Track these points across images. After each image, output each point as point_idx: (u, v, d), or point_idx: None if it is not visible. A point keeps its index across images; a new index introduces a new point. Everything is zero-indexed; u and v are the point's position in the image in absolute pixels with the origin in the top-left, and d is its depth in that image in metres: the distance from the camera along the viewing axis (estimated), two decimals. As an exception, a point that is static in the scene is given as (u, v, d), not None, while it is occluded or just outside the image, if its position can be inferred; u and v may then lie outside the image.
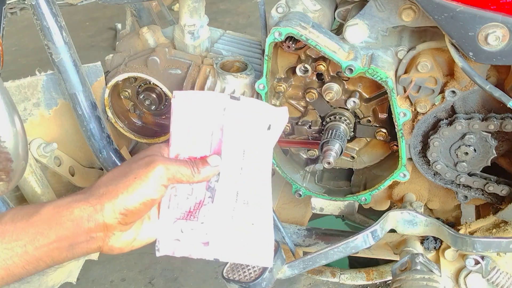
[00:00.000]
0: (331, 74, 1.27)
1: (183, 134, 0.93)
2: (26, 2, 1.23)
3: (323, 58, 1.24)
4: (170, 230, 0.91)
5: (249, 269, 1.16)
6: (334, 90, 1.26)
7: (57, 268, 1.46)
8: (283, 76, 1.31)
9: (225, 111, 0.93)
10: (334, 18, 1.33)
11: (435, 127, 1.22)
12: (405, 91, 1.21)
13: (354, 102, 1.27)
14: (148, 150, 0.92)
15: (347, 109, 1.31)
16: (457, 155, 1.22)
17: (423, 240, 1.36)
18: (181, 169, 0.87)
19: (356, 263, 1.82)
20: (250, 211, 0.92)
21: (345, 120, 1.30)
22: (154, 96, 1.44)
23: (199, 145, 0.93)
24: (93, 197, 0.83)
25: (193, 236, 0.91)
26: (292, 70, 1.30)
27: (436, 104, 1.21)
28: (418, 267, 1.22)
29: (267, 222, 0.94)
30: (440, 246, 1.34)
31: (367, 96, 1.30)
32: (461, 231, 1.31)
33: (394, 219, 1.26)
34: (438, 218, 1.29)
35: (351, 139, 1.38)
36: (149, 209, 0.87)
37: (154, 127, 1.53)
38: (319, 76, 1.29)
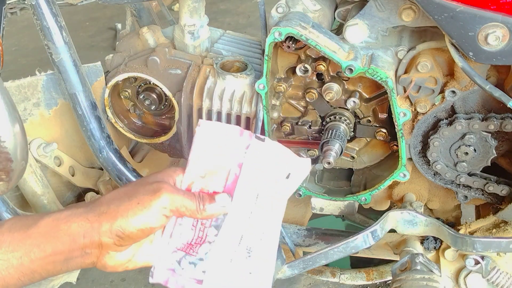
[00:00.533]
0: (331, 74, 1.27)
1: (201, 164, 0.91)
2: (26, 2, 1.24)
3: (323, 58, 1.24)
4: (167, 258, 0.90)
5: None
6: (334, 90, 1.26)
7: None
8: (283, 76, 1.31)
9: (247, 150, 0.91)
10: (334, 18, 1.33)
11: (435, 127, 1.22)
12: (405, 91, 1.21)
13: (354, 102, 1.27)
14: (160, 173, 0.90)
15: (347, 109, 1.31)
16: (457, 155, 1.22)
17: (423, 240, 1.36)
18: (186, 202, 0.85)
19: (360, 262, 1.81)
20: (251, 260, 0.90)
21: (345, 120, 1.30)
22: (154, 96, 1.44)
23: (214, 179, 0.91)
24: (93, 214, 0.83)
25: (189, 271, 0.89)
26: (292, 70, 1.30)
27: (436, 104, 1.21)
28: (418, 267, 1.22)
29: (266, 275, 0.91)
30: (440, 246, 1.34)
31: (367, 96, 1.30)
32: (461, 231, 1.31)
33: (394, 219, 1.26)
34: (438, 218, 1.30)
35: (351, 139, 1.38)
36: (146, 236, 0.86)
37: (154, 127, 1.53)
38: (319, 76, 1.29)
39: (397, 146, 1.27)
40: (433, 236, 1.32)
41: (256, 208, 0.91)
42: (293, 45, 1.20)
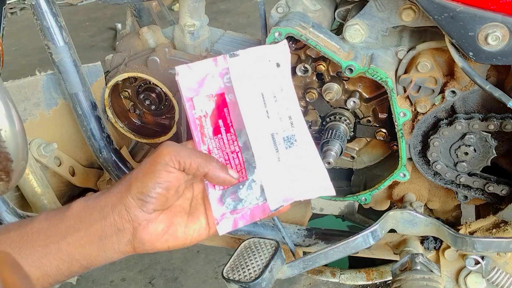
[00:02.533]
0: (331, 74, 1.27)
1: (199, 106, 0.91)
2: (26, 2, 1.24)
3: (323, 58, 1.24)
4: (221, 205, 0.89)
5: (249, 269, 1.16)
6: (334, 90, 1.26)
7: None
8: (283, 76, 1.31)
9: (230, 72, 0.90)
10: (334, 18, 1.33)
11: (435, 127, 1.22)
12: (405, 91, 1.21)
13: (354, 102, 1.27)
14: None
15: (347, 109, 1.31)
16: (457, 155, 1.22)
17: (423, 240, 1.36)
18: (190, 154, 0.85)
19: (359, 263, 1.81)
20: (294, 147, 0.90)
21: (345, 120, 1.30)
22: (154, 96, 1.44)
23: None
24: (116, 189, 0.85)
25: (248, 199, 0.89)
26: (292, 70, 1.30)
27: (436, 104, 1.21)
28: (418, 267, 1.22)
29: (313, 152, 0.91)
30: (440, 246, 1.34)
31: (367, 96, 1.30)
32: (461, 231, 1.31)
33: (394, 219, 1.26)
34: (438, 218, 1.29)
35: (351, 139, 1.38)
36: (168, 194, 0.84)
37: (154, 127, 1.53)
38: (319, 76, 1.29)
39: (397, 146, 1.27)
40: (433, 236, 1.32)
41: (269, 106, 0.91)
42: (293, 45, 1.20)
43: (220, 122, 0.92)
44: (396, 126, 1.22)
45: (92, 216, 0.83)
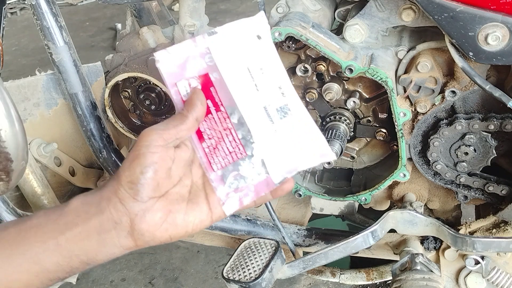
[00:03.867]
0: (331, 74, 1.27)
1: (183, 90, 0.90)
2: (26, 2, 1.24)
3: (323, 58, 1.24)
4: (223, 185, 0.89)
5: (249, 269, 1.16)
6: (334, 90, 1.26)
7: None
8: (283, 76, 1.31)
9: (211, 51, 0.89)
10: (334, 18, 1.33)
11: (435, 127, 1.22)
12: (405, 91, 1.21)
13: (354, 102, 1.27)
14: None
15: (347, 109, 1.31)
16: (457, 155, 1.22)
17: (423, 240, 1.36)
18: (168, 123, 0.84)
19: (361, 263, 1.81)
20: (289, 116, 0.89)
21: (345, 120, 1.30)
22: (154, 96, 1.44)
23: None
24: (110, 183, 0.84)
25: (250, 175, 0.88)
26: (292, 70, 1.30)
27: (436, 104, 1.21)
28: (418, 267, 1.22)
29: (307, 119, 0.90)
30: (440, 246, 1.34)
31: (367, 96, 1.30)
32: (461, 231, 1.31)
33: (394, 219, 1.26)
34: (438, 218, 1.29)
35: (351, 139, 1.38)
36: (156, 176, 0.83)
37: (154, 127, 1.53)
38: (319, 76, 1.29)
39: (397, 146, 1.27)
40: (433, 236, 1.32)
41: (257, 79, 0.90)
42: (293, 45, 1.20)
43: (209, 102, 0.90)
44: (396, 126, 1.22)
45: (89, 211, 0.83)
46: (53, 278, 0.83)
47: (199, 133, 0.90)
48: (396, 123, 1.21)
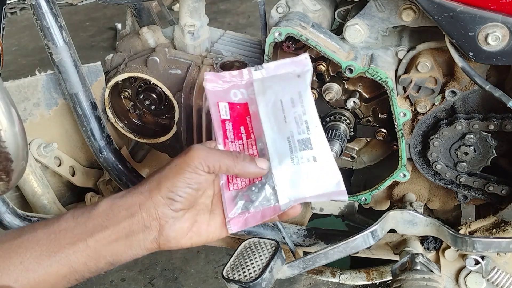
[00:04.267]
0: (331, 74, 1.27)
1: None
2: (26, 2, 1.24)
3: (323, 58, 1.24)
4: (233, 204, 0.93)
5: (249, 269, 1.16)
6: (334, 90, 1.26)
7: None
8: (283, 76, 1.31)
9: (254, 85, 0.97)
10: (334, 18, 1.33)
11: (435, 127, 1.22)
12: (405, 91, 1.21)
13: (354, 102, 1.27)
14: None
15: (347, 109, 1.31)
16: (457, 155, 1.22)
17: (423, 240, 1.36)
18: (220, 157, 0.88)
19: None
20: (308, 150, 0.93)
21: (345, 120, 1.30)
22: (154, 96, 1.44)
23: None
24: (144, 188, 0.87)
25: (260, 200, 0.92)
26: (292, 70, 1.29)
27: (436, 104, 1.21)
28: (418, 267, 1.22)
29: (327, 156, 0.94)
30: (440, 246, 1.34)
31: (367, 96, 1.30)
32: (461, 231, 1.31)
33: (394, 219, 1.26)
34: (438, 218, 1.29)
35: (351, 139, 1.38)
36: (196, 194, 0.88)
37: (154, 127, 1.53)
38: (319, 76, 1.29)
39: (397, 146, 1.27)
40: (433, 236, 1.32)
41: (287, 111, 0.95)
42: (293, 45, 1.20)
43: (242, 128, 0.97)
44: (396, 126, 1.22)
45: (119, 214, 0.86)
46: (79, 278, 0.86)
47: None
48: (396, 123, 1.21)
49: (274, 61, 0.97)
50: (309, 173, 0.92)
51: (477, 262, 1.28)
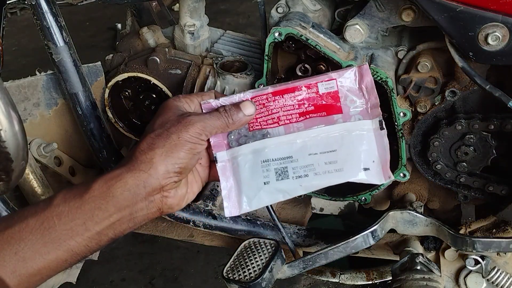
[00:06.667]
0: (331, 74, 1.27)
1: None
2: (26, 2, 1.24)
3: (323, 58, 1.24)
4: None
5: (249, 269, 1.16)
6: (334, 90, 1.25)
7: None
8: (283, 76, 1.31)
9: None
10: (334, 18, 1.33)
11: (435, 127, 1.22)
12: (405, 91, 1.21)
13: (354, 102, 1.27)
14: (168, 107, 0.97)
15: (347, 109, 1.31)
16: (457, 155, 1.22)
17: (423, 240, 1.36)
18: (215, 123, 0.93)
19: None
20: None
21: (345, 120, 1.30)
22: (154, 96, 1.44)
23: None
24: (144, 164, 0.86)
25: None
26: (292, 70, 1.29)
27: (436, 104, 1.21)
28: (418, 267, 1.22)
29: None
30: (440, 246, 1.34)
31: (367, 96, 1.30)
32: (461, 231, 1.31)
33: (394, 219, 1.26)
34: (438, 218, 1.29)
35: (351, 139, 1.37)
36: (197, 161, 0.93)
37: (154, 127, 1.53)
38: (319, 76, 1.29)
39: (397, 146, 1.27)
40: (433, 236, 1.32)
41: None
42: (293, 45, 1.20)
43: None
44: (396, 126, 1.22)
45: (122, 195, 0.85)
46: (81, 258, 0.86)
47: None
48: (396, 123, 1.21)
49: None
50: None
51: (477, 262, 1.28)
